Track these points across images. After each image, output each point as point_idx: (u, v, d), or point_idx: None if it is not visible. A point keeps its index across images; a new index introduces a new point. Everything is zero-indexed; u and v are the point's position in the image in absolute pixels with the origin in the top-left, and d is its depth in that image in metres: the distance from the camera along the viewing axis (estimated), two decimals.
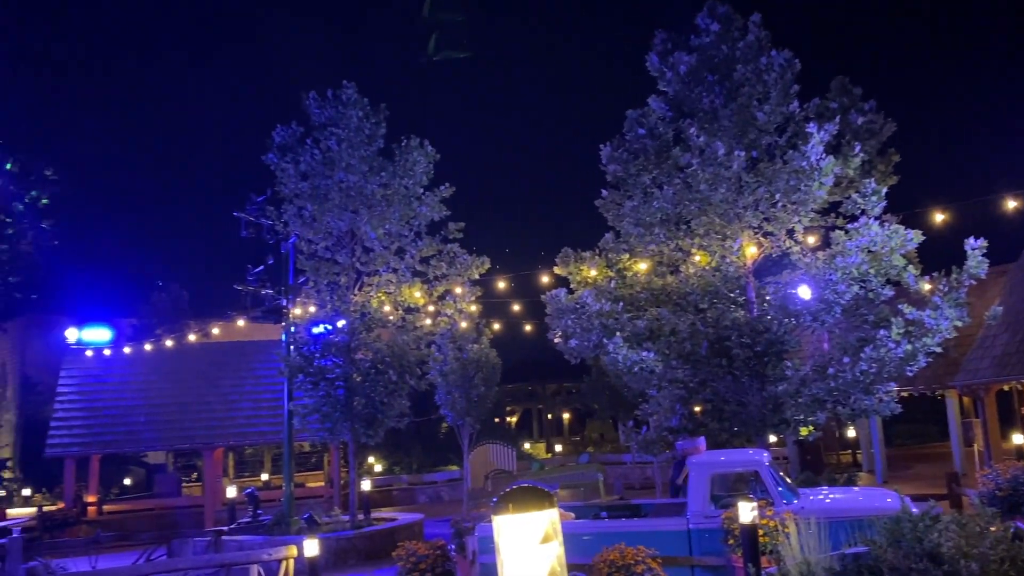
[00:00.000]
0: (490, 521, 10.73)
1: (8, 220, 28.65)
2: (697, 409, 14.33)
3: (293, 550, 10.21)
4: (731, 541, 9.55)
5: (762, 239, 14.19)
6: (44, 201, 29.52)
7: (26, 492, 29.45)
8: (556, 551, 3.93)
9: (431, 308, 18.92)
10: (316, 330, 18.38)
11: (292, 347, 18.54)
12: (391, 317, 18.46)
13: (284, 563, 10.21)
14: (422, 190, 18.09)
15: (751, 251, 14.12)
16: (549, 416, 45.58)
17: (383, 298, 18.36)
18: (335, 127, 17.64)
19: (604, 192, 15.05)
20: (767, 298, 14.18)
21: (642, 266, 14.96)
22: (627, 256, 15.08)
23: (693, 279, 14.45)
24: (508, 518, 3.90)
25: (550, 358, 23.76)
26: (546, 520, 3.90)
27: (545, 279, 17.77)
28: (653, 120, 14.59)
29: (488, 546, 10.57)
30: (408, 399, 18.41)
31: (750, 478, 10.46)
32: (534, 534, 3.87)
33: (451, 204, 18.41)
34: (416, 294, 18.51)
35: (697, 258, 14.54)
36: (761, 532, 8.94)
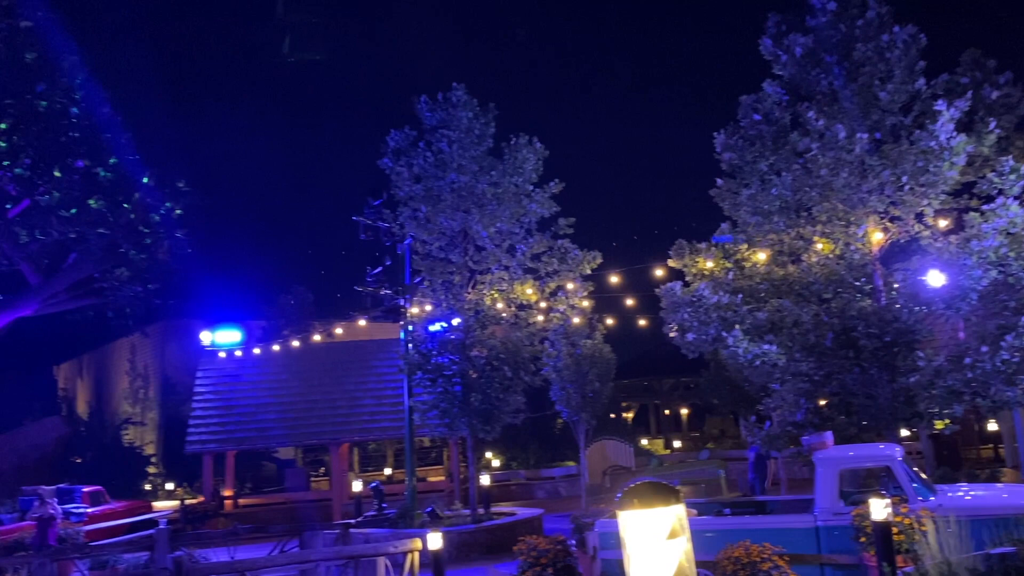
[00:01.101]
0: (610, 517, 10.72)
1: (146, 231, 30.48)
2: (823, 403, 13.81)
3: (418, 543, 10.44)
4: (863, 539, 9.18)
5: (889, 224, 13.54)
6: (178, 212, 31.25)
7: (169, 486, 31.34)
8: (684, 547, 3.88)
9: (543, 304, 18.98)
10: (432, 328, 18.76)
11: (410, 345, 18.98)
12: (504, 314, 18.63)
13: (409, 556, 10.45)
14: (532, 187, 18.17)
15: (877, 237, 13.50)
16: (666, 411, 44.97)
17: (496, 295, 18.55)
18: (446, 129, 17.94)
19: (719, 181, 14.71)
20: (895, 286, 13.52)
21: (761, 256, 14.54)
22: (745, 246, 14.70)
23: (815, 268, 13.94)
24: (634, 514, 3.87)
25: (666, 353, 23.45)
26: (673, 516, 3.86)
27: (659, 272, 17.52)
28: (768, 105, 14.16)
29: (609, 542, 10.53)
30: (523, 395, 18.52)
31: (881, 474, 10.02)
32: (661, 530, 3.84)
33: (561, 200, 18.42)
34: (528, 291, 18.62)
35: (819, 246, 14.01)
36: (895, 530, 8.55)
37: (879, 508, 8.10)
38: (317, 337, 28.41)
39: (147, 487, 31.78)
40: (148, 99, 30.41)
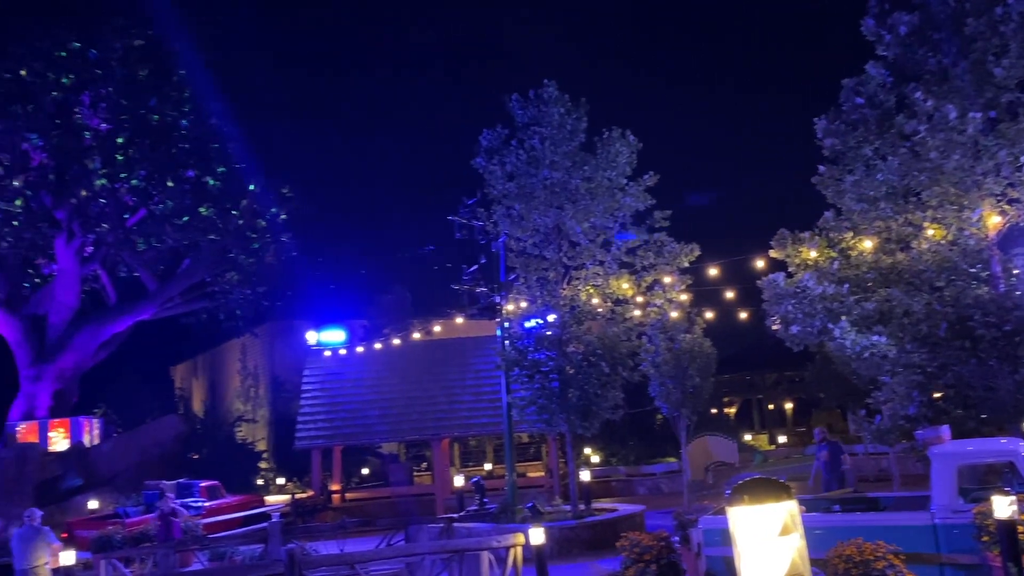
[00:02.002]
0: (715, 513, 10.54)
1: (253, 236, 31.78)
2: (937, 396, 13.20)
3: (520, 538, 10.53)
4: (985, 538, 8.74)
5: (1006, 207, 12.82)
6: (283, 217, 32.46)
7: (280, 480, 32.54)
8: (797, 544, 3.80)
9: (640, 299, 18.81)
10: (528, 324, 18.85)
11: (507, 342, 19.11)
12: (600, 309, 18.56)
13: (512, 550, 10.55)
14: (625, 181, 18.03)
15: (994, 221, 12.81)
16: (770, 406, 43.85)
17: (591, 291, 18.49)
18: (538, 126, 17.99)
19: (821, 168, 14.24)
20: (1015, 272, 12.80)
21: (867, 244, 14.00)
22: (850, 234, 14.18)
23: (926, 255, 13.33)
24: (744, 510, 3.81)
25: (769, 346, 22.88)
26: (785, 512, 3.77)
27: (760, 263, 17.09)
28: (872, 87, 13.61)
29: (714, 538, 10.36)
30: (621, 391, 18.41)
31: (1004, 469, 9.51)
32: (772, 526, 3.76)
33: (656, 192, 18.20)
34: (624, 285, 18.48)
35: (930, 232, 13.39)
36: (1021, 529, 8.11)
37: (1003, 506, 7.71)
38: (416, 335, 28.93)
39: (259, 482, 33.08)
40: (252, 109, 31.67)
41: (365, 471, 33.12)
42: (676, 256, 18.27)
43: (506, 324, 19.50)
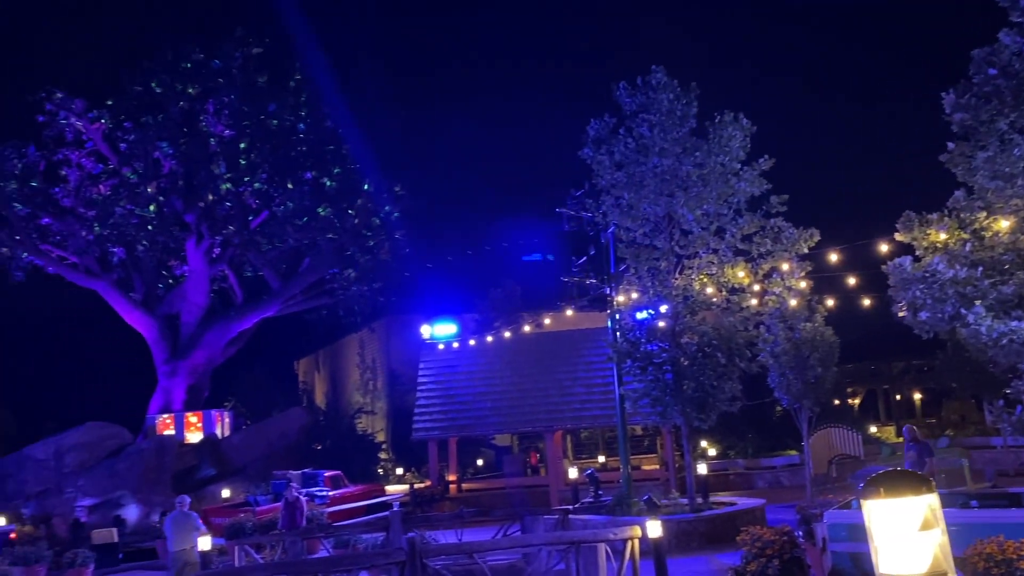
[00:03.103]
0: (840, 508, 10.14)
1: (368, 234, 32.73)
2: None
3: (637, 530, 10.42)
4: None
5: None
6: (395, 215, 33.27)
7: (399, 470, 33.40)
8: (938, 539, 3.59)
9: (757, 287, 18.25)
10: (640, 316, 18.59)
11: (618, 333, 18.96)
12: (715, 299, 18.12)
13: (629, 543, 10.45)
14: (739, 165, 17.52)
15: None
16: (897, 397, 41.86)
17: (705, 280, 18.08)
18: (646, 113, 17.70)
19: (950, 145, 13.43)
20: None
21: (1004, 224, 13.09)
22: (984, 214, 13.30)
23: None
24: (881, 503, 3.62)
25: (895, 334, 21.75)
26: (924, 505, 3.57)
27: (884, 247, 16.28)
28: (1006, 57, 12.70)
29: (840, 534, 9.99)
30: (739, 382, 17.96)
31: None
32: (912, 520, 3.56)
33: (772, 176, 17.60)
34: (740, 274, 17.98)
35: None
36: None
37: None
38: (527, 328, 29.09)
39: (379, 471, 34.05)
40: (364, 109, 32.52)
41: (480, 462, 33.58)
42: (795, 242, 17.63)
43: (617, 316, 19.33)
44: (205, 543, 14.33)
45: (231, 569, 12.81)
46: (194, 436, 30.37)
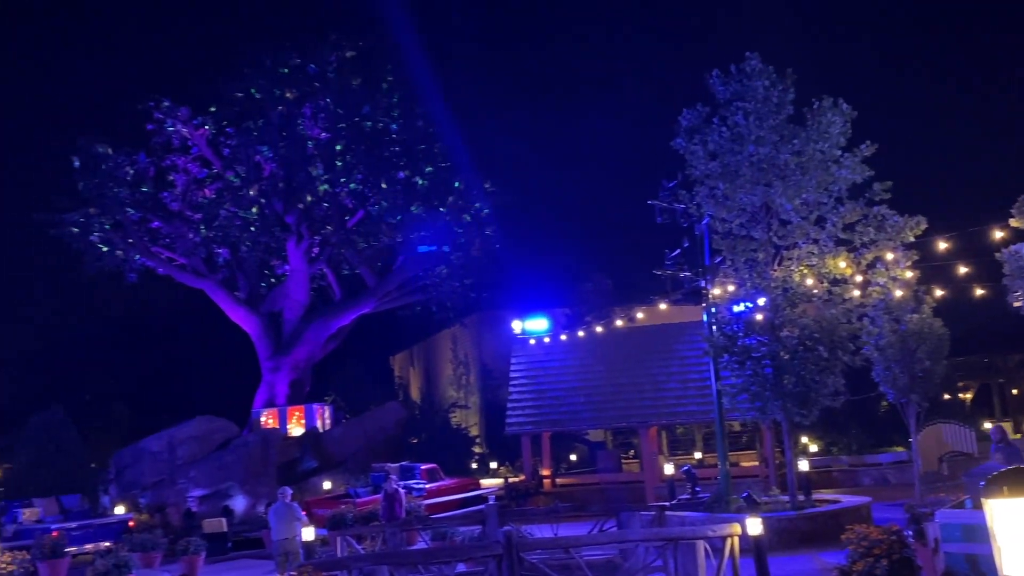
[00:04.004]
0: (953, 507, 9.68)
1: (459, 231, 33.12)
2: None
3: (737, 528, 10.23)
4: None
5: None
6: (485, 211, 33.56)
7: (493, 464, 33.70)
8: None
9: (859, 278, 17.65)
10: (737, 309, 18.24)
11: (714, 327, 18.61)
12: (815, 291, 17.62)
13: (729, 540, 10.27)
14: (840, 152, 16.97)
15: None
16: (1014, 391, 39.66)
17: (805, 271, 17.58)
18: (741, 101, 17.32)
19: None
20: None
21: None
22: None
23: None
24: (1005, 502, 3.42)
25: (1011, 325, 20.63)
26: None
27: (999, 234, 15.46)
28: None
29: (953, 534, 9.55)
30: (842, 376, 17.39)
31: None
32: None
33: (875, 162, 16.94)
34: (841, 264, 17.42)
35: None
36: None
37: None
38: (619, 323, 28.84)
39: (473, 465, 34.44)
40: (454, 107, 32.92)
41: (573, 457, 33.56)
42: (900, 230, 16.95)
43: (713, 309, 18.97)
44: (308, 533, 14.80)
45: (334, 559, 13.19)
46: (296, 430, 31.38)
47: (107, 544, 21.46)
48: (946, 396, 31.93)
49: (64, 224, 30.49)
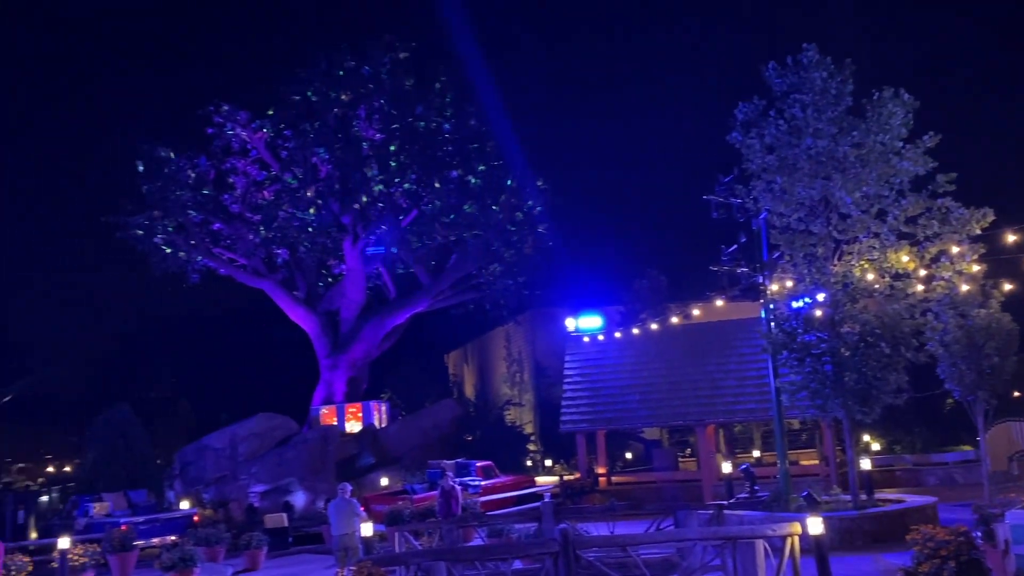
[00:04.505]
0: (1023, 508, 9.39)
1: (512, 229, 33.20)
2: None
3: (797, 527, 10.06)
4: None
5: None
6: (538, 209, 33.59)
7: (547, 462, 33.72)
8: None
9: (923, 272, 17.21)
10: (796, 305, 17.96)
11: (772, 324, 18.34)
12: (877, 286, 17.25)
13: (789, 540, 10.11)
14: (901, 144, 16.58)
15: None
16: None
17: (866, 266, 17.23)
18: (798, 93, 17.04)
19: None
20: None
21: None
22: None
23: None
24: None
25: None
26: None
27: None
28: None
29: None
30: (905, 373, 16.98)
31: None
32: None
33: (938, 154, 16.50)
34: (904, 258, 17.01)
35: None
36: None
37: None
38: (674, 320, 28.57)
39: (528, 463, 34.49)
40: (506, 106, 33.01)
41: (629, 455, 33.38)
42: (965, 223, 16.47)
43: (771, 305, 18.70)
44: (367, 529, 15.02)
45: (393, 554, 13.36)
46: (354, 426, 31.83)
47: (173, 538, 22.11)
48: (1015, 394, 30.89)
49: (129, 227, 31.43)
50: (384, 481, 27.63)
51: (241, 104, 32.36)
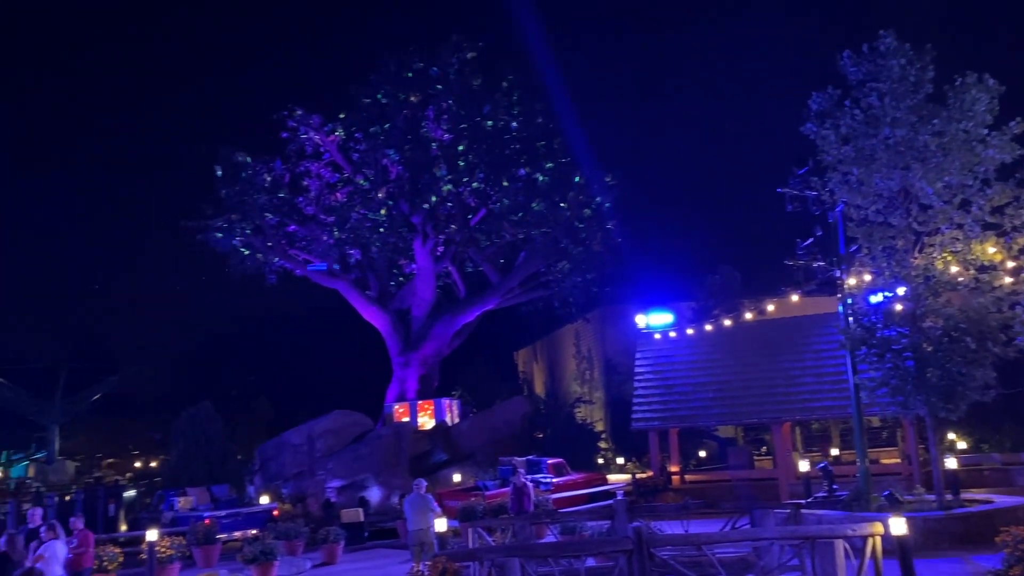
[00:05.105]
0: None
1: (581, 225, 33.09)
2: None
3: (879, 527, 9.81)
4: None
5: None
6: (607, 205, 33.41)
7: (619, 460, 33.52)
8: None
9: (1010, 264, 16.56)
10: (874, 299, 17.53)
11: (851, 319, 17.90)
12: (961, 279, 16.68)
13: (870, 540, 9.86)
14: (986, 131, 15.99)
15: None
16: None
17: (949, 258, 16.67)
18: (874, 82, 16.60)
19: None
20: None
21: None
22: None
23: None
24: None
25: None
26: None
27: None
28: None
29: None
30: (992, 369, 16.34)
31: None
32: None
33: None
34: (990, 250, 16.40)
35: None
36: None
37: None
38: (748, 315, 28.11)
39: (599, 461, 34.35)
40: (574, 102, 32.94)
41: (702, 453, 32.94)
42: None
43: (848, 300, 18.24)
44: (441, 524, 15.22)
45: (467, 550, 13.50)
46: (427, 423, 32.22)
47: (254, 532, 22.75)
48: None
49: (209, 230, 32.44)
50: (456, 477, 27.88)
51: (314, 108, 33.10)
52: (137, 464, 58.16)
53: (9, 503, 26.95)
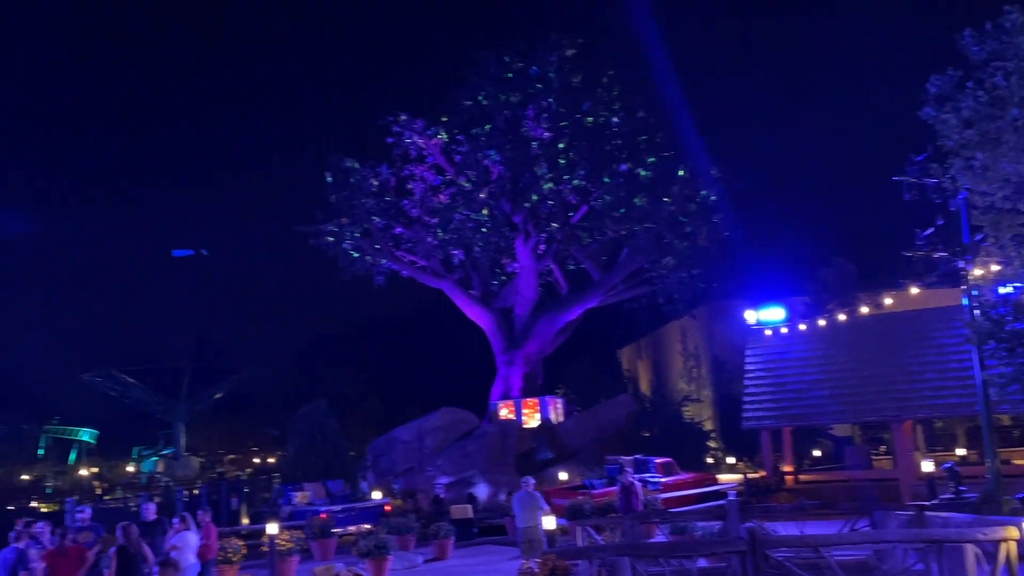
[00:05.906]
0: None
1: (685, 220, 32.52)
2: None
3: (1014, 531, 9.27)
4: None
5: None
6: (712, 198, 32.72)
7: (729, 460, 32.82)
8: None
9: None
10: (1003, 291, 16.59)
11: (977, 312, 16.98)
12: None
13: (1004, 545, 9.33)
14: None
15: None
16: None
17: None
18: (999, 61, 15.62)
19: None
20: None
21: None
22: None
23: None
24: None
25: None
26: None
27: None
28: None
29: None
30: None
31: None
32: None
33: None
34: None
35: None
36: None
37: None
38: (864, 309, 27.05)
39: (709, 460, 33.72)
40: (678, 94, 32.40)
41: (817, 453, 31.88)
42: None
43: (974, 292, 17.29)
44: (550, 522, 15.27)
45: (577, 548, 13.50)
46: (532, 421, 32.38)
47: (367, 526, 23.40)
48: None
49: (321, 234, 33.57)
50: (563, 476, 27.90)
51: (417, 113, 33.73)
52: (256, 460, 60.76)
53: (141, 496, 28.64)
